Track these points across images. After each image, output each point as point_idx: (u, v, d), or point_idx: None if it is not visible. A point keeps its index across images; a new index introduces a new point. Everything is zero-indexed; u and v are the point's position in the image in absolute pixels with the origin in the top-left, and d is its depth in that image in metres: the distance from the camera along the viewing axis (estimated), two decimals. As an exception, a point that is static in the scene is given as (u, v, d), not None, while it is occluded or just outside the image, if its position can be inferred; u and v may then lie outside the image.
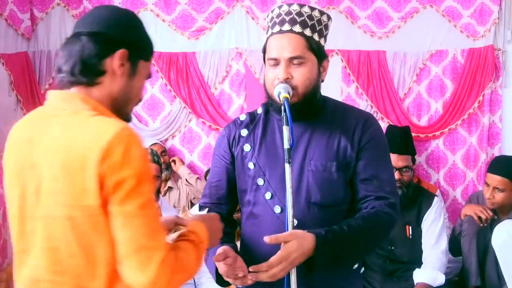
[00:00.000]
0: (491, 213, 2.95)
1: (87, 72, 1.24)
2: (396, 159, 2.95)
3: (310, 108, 1.64)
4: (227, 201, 1.73)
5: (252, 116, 1.74)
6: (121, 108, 1.33)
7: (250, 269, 1.43)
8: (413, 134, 3.76)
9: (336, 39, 3.85)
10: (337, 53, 3.87)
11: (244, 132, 1.70)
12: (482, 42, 3.79)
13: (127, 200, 1.13)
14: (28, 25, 3.68)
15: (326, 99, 1.72)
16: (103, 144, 1.12)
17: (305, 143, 1.64)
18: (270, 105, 1.66)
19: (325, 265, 1.49)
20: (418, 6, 3.84)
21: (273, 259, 1.42)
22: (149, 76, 1.37)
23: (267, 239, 1.43)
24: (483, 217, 2.94)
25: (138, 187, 1.14)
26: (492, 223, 2.98)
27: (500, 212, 3.00)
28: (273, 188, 1.61)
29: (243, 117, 1.75)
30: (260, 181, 1.63)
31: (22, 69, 3.61)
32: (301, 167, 1.61)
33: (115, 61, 1.26)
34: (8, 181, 1.26)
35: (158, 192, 3.09)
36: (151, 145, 3.84)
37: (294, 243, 1.43)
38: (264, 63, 1.67)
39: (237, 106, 3.91)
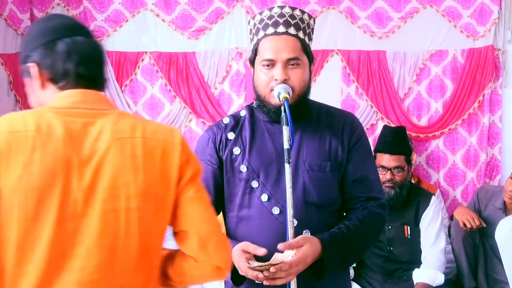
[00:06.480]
0: (477, 223, 2.95)
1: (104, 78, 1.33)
2: (387, 159, 2.95)
3: (302, 110, 1.65)
4: (215, 207, 1.71)
5: (236, 118, 1.73)
6: None
7: (272, 269, 1.43)
8: (413, 134, 3.77)
9: (336, 39, 3.86)
10: (337, 53, 3.87)
11: (231, 135, 1.69)
12: (482, 42, 3.79)
13: (200, 188, 1.28)
14: (28, 25, 3.68)
15: (309, 101, 1.72)
16: (178, 138, 1.26)
17: (297, 144, 1.65)
18: (263, 106, 1.65)
19: (334, 268, 1.52)
20: (418, 6, 3.84)
21: (292, 260, 1.44)
22: None
23: (281, 246, 1.46)
24: (468, 225, 2.94)
25: (201, 176, 1.31)
26: (482, 228, 2.99)
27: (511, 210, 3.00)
28: (269, 190, 1.61)
29: (226, 120, 1.74)
30: (255, 184, 1.62)
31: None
32: (295, 168, 1.62)
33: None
34: (37, 182, 1.13)
35: None
36: None
37: (309, 247, 1.48)
38: (252, 64, 1.67)
39: (237, 106, 3.91)
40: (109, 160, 1.17)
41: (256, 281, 1.48)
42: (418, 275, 2.83)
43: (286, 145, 1.50)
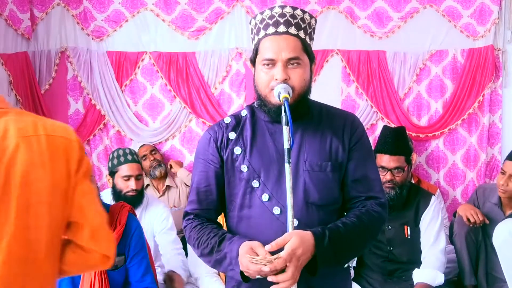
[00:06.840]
0: (481, 218, 2.95)
1: None
2: (387, 160, 2.95)
3: (302, 109, 1.65)
4: (217, 206, 1.70)
5: (237, 118, 1.73)
6: None
7: (265, 268, 1.41)
8: (413, 134, 3.78)
9: (336, 39, 3.86)
10: (337, 53, 3.87)
11: (232, 135, 1.69)
12: (482, 42, 3.80)
13: (91, 182, 1.35)
14: (28, 25, 3.68)
15: (309, 101, 1.71)
16: (74, 136, 1.32)
17: (297, 144, 1.65)
18: (263, 106, 1.65)
19: (327, 262, 1.51)
20: (418, 6, 3.84)
21: (281, 254, 1.42)
22: None
23: (269, 247, 1.44)
24: (472, 220, 2.95)
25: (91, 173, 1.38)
26: (484, 225, 2.99)
27: (507, 205, 3.00)
28: (270, 189, 1.61)
29: (227, 119, 1.73)
30: (255, 184, 1.62)
31: (21, 69, 3.61)
32: (296, 168, 1.62)
33: None
34: None
35: (142, 191, 2.96)
36: (141, 146, 3.85)
37: (296, 239, 1.45)
38: (253, 64, 1.67)
39: (237, 106, 3.91)
40: (19, 157, 1.20)
41: (258, 276, 1.47)
42: (418, 275, 2.83)
43: (286, 145, 1.49)
